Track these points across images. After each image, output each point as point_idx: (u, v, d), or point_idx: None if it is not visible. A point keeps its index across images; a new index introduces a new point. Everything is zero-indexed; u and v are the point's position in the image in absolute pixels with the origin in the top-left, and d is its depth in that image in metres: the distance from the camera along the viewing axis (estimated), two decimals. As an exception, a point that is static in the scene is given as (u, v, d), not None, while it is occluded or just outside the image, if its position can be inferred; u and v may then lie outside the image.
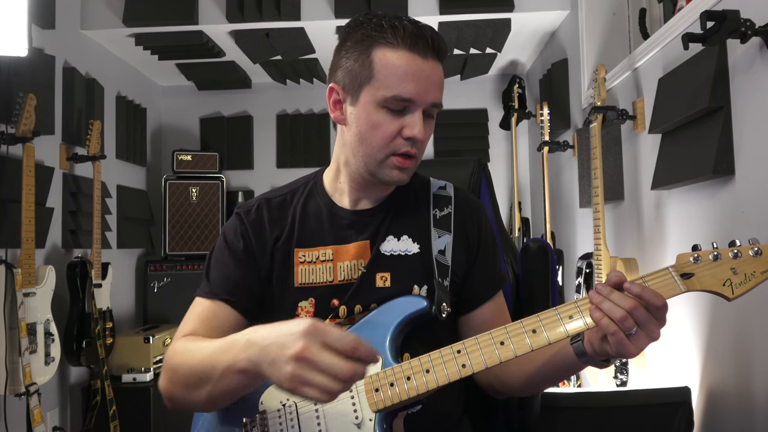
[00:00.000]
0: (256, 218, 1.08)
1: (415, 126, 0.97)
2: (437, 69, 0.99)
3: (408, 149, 0.99)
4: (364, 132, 0.99)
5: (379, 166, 1.00)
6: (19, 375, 2.17)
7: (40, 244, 2.54)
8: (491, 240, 1.12)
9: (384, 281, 1.03)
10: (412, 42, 0.96)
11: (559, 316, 0.87)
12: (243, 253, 1.05)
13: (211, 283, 1.04)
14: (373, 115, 0.98)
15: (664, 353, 1.99)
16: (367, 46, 0.98)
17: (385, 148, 0.99)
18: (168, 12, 3.00)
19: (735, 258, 0.84)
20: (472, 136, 4.12)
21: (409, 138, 0.97)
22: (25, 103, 2.28)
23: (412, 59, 0.96)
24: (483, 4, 2.96)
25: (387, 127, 0.97)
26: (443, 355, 0.91)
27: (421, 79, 0.96)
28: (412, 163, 1.01)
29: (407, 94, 0.96)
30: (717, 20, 1.44)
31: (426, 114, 1.00)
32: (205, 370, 0.87)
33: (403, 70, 0.96)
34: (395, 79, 0.95)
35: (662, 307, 0.81)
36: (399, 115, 0.97)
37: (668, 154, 1.90)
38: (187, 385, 0.91)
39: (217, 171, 3.82)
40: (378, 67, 0.96)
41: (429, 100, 0.98)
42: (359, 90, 0.99)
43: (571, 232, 3.07)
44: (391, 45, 0.96)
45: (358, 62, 0.98)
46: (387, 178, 1.01)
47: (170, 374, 0.95)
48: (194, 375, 0.89)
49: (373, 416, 0.91)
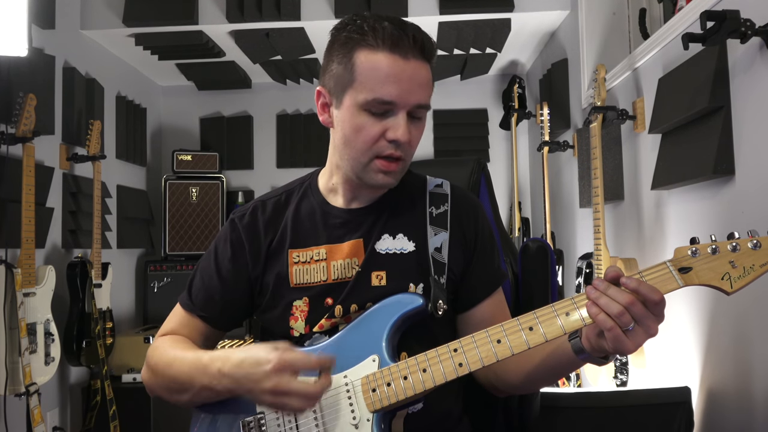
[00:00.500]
0: (251, 221, 1.10)
1: (398, 129, 0.96)
2: (421, 69, 0.97)
3: (392, 152, 0.98)
4: (348, 135, 0.99)
5: (364, 169, 1.00)
6: (19, 375, 2.17)
7: (40, 244, 2.54)
8: (489, 237, 1.11)
9: (380, 280, 1.03)
10: (392, 43, 0.94)
11: (556, 312, 0.87)
12: (230, 263, 1.08)
13: (191, 297, 1.10)
14: (356, 118, 0.97)
15: (664, 353, 1.99)
16: (350, 49, 0.97)
17: (368, 151, 0.98)
18: (168, 12, 3.00)
19: (734, 251, 0.82)
20: (472, 136, 4.12)
21: (393, 141, 0.96)
22: (25, 103, 2.28)
23: (392, 60, 0.94)
24: (483, 4, 2.96)
25: (370, 130, 0.96)
26: (440, 354, 0.90)
27: (402, 80, 0.94)
28: (398, 167, 1.00)
29: (388, 96, 0.94)
30: (717, 20, 1.44)
31: (412, 116, 0.98)
32: (183, 383, 0.96)
33: (383, 72, 0.94)
34: (376, 82, 0.94)
35: (660, 302, 0.80)
36: (382, 118, 0.96)
37: (668, 154, 1.90)
38: (168, 389, 1.01)
39: (217, 171, 3.82)
40: (359, 70, 0.96)
41: (412, 102, 0.96)
42: (343, 93, 0.98)
43: (571, 232, 3.07)
44: (372, 47, 0.95)
45: (341, 65, 0.98)
46: (372, 181, 1.01)
47: (151, 373, 1.03)
48: (174, 383, 0.98)
49: (370, 416, 0.91)
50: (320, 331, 1.02)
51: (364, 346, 0.95)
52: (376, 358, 0.94)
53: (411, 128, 0.98)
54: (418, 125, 1.00)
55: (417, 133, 1.01)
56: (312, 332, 1.02)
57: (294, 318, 1.03)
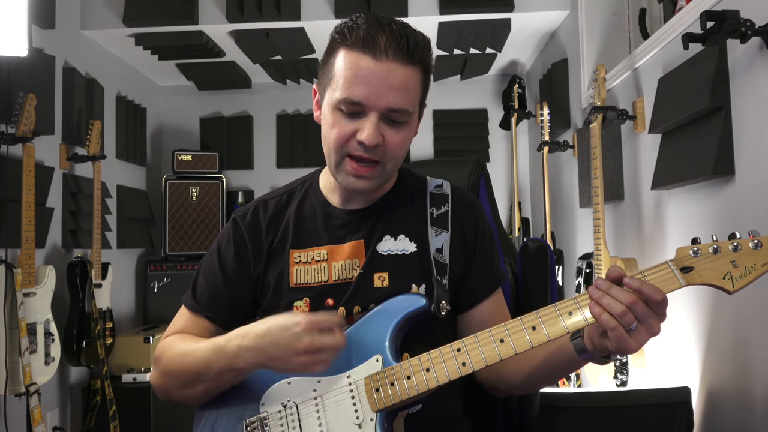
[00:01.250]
0: (252, 221, 1.10)
1: (364, 131, 0.94)
2: (394, 71, 0.93)
3: (360, 153, 0.96)
4: (325, 132, 1.00)
5: (337, 169, 1.00)
6: (19, 375, 2.17)
7: (40, 244, 2.54)
8: (489, 237, 1.12)
9: (382, 281, 1.03)
10: (363, 43, 0.93)
11: (559, 312, 0.87)
12: (233, 262, 1.08)
13: (196, 297, 1.09)
14: (331, 116, 0.98)
15: (664, 353, 1.99)
16: (332, 49, 0.98)
17: (339, 149, 0.98)
18: (168, 12, 3.00)
19: (735, 251, 0.83)
20: (472, 136, 4.12)
21: (361, 143, 0.95)
22: (25, 103, 2.28)
23: (362, 61, 0.93)
24: (483, 4, 2.96)
25: (341, 129, 0.96)
26: (443, 354, 0.91)
27: (371, 82, 0.92)
28: (370, 171, 0.98)
29: (356, 97, 0.93)
30: (717, 20, 1.44)
31: (388, 119, 0.96)
32: (198, 372, 0.95)
33: (352, 72, 0.93)
34: (345, 81, 0.94)
35: (662, 302, 0.81)
36: (354, 118, 0.96)
37: (668, 154, 1.90)
38: (182, 383, 0.99)
39: (217, 171, 3.82)
40: (335, 69, 0.96)
41: (383, 105, 0.93)
42: (324, 91, 1.00)
43: (571, 232, 3.07)
44: (348, 47, 0.95)
45: (325, 64, 1.00)
46: (344, 184, 1.01)
47: (162, 372, 1.01)
48: (188, 375, 0.97)
49: (374, 416, 0.91)
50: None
51: (367, 346, 0.95)
52: (379, 358, 0.94)
53: (388, 132, 0.96)
54: (398, 130, 0.97)
55: (396, 139, 0.97)
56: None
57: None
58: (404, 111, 0.96)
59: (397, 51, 0.93)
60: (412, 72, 0.96)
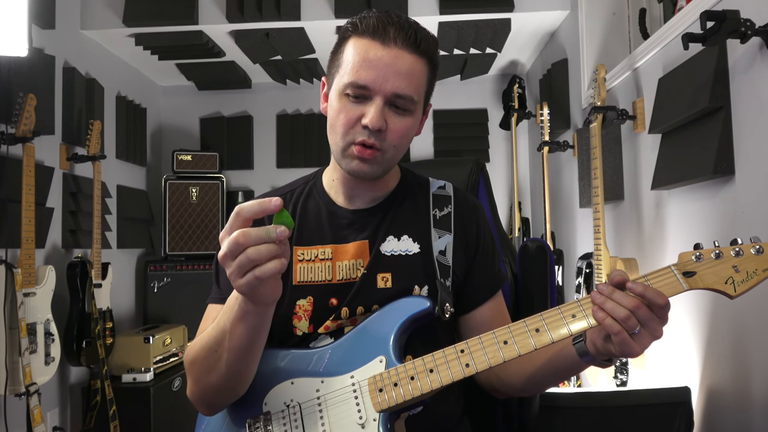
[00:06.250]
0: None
1: (368, 114, 0.95)
2: (402, 58, 0.96)
3: (365, 138, 0.97)
4: (332, 119, 1.00)
5: (342, 155, 1.00)
6: (19, 375, 2.17)
7: (40, 244, 2.54)
8: (490, 239, 1.12)
9: (385, 282, 1.03)
10: (373, 30, 0.96)
11: (563, 315, 0.87)
12: None
13: (221, 288, 1.06)
14: (338, 102, 0.99)
15: (664, 353, 1.99)
16: (342, 40, 1.01)
17: (345, 135, 0.98)
18: (168, 12, 3.00)
19: (737, 256, 0.84)
20: (472, 136, 4.13)
21: (366, 127, 0.96)
22: (25, 103, 2.28)
23: (371, 46, 0.96)
24: (483, 4, 2.96)
25: (348, 114, 0.97)
26: (447, 355, 0.91)
27: (378, 66, 0.95)
28: (373, 155, 0.98)
29: (362, 80, 0.95)
30: (717, 20, 1.44)
31: (393, 105, 0.97)
32: (217, 338, 0.90)
33: (361, 56, 0.96)
34: (353, 66, 0.96)
35: (665, 306, 0.81)
36: (360, 103, 0.97)
37: (668, 154, 1.90)
38: (207, 368, 0.92)
39: (217, 171, 3.82)
40: (343, 57, 0.99)
41: (388, 89, 0.95)
42: (332, 80, 1.01)
43: (571, 232, 3.07)
44: (358, 35, 0.98)
45: (335, 55, 1.02)
46: (348, 168, 1.01)
47: (191, 370, 0.96)
48: (211, 350, 0.91)
49: (377, 416, 0.91)
50: (325, 332, 1.02)
51: (371, 347, 0.95)
52: (383, 358, 0.94)
53: (392, 119, 0.97)
54: (401, 117, 0.98)
55: (400, 126, 0.98)
56: (317, 333, 1.02)
57: (297, 317, 1.03)
58: (409, 98, 0.97)
59: (406, 40, 0.96)
60: (418, 61, 0.98)
